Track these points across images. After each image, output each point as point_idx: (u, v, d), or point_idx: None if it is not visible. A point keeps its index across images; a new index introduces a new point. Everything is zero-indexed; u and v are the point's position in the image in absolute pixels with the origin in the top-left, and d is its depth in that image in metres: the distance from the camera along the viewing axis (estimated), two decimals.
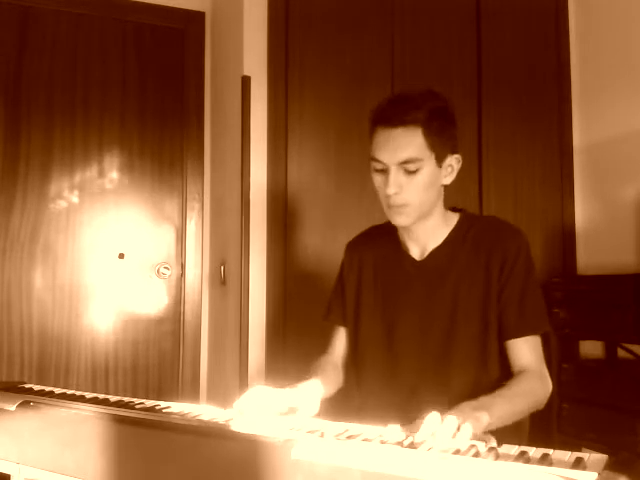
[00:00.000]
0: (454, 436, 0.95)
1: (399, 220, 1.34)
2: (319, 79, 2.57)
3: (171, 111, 3.09)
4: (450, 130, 1.33)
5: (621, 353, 2.52)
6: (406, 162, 1.27)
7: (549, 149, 2.92)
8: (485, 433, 1.02)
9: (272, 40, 2.53)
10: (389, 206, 1.32)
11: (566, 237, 2.91)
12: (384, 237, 1.48)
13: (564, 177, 2.93)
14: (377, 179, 1.33)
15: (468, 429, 0.97)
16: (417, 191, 1.29)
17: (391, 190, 1.28)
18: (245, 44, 2.52)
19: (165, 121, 3.07)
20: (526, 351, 1.31)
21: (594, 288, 2.47)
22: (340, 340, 1.54)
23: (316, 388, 1.31)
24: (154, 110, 3.05)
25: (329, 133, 2.58)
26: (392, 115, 1.27)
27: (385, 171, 1.30)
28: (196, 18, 3.15)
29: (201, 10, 3.16)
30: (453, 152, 1.34)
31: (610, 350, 2.55)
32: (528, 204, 2.85)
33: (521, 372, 1.30)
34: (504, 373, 1.34)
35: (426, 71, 2.70)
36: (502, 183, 2.81)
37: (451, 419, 0.98)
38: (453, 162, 1.35)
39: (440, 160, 1.31)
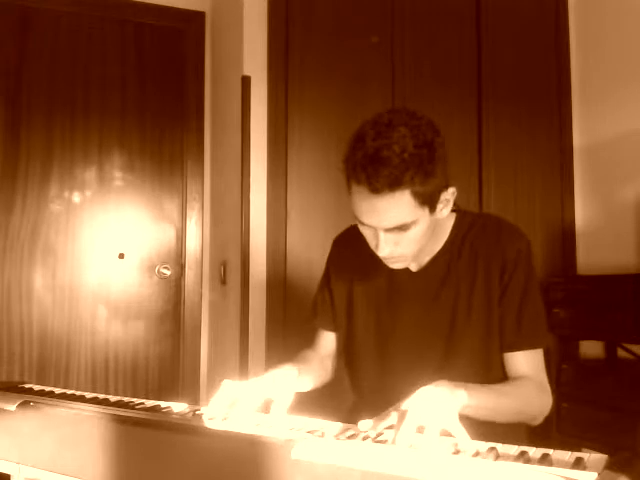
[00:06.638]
0: (421, 429, 0.93)
1: (396, 267, 1.26)
2: (319, 79, 2.57)
3: (171, 111, 3.09)
4: (440, 170, 1.13)
5: (621, 353, 2.52)
6: (396, 227, 1.14)
7: (549, 149, 2.92)
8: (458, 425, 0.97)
9: (272, 40, 2.53)
10: (382, 257, 1.22)
11: (566, 237, 2.91)
12: None
13: (564, 177, 2.93)
14: (364, 231, 1.21)
15: (436, 423, 0.94)
16: (413, 244, 1.19)
17: (384, 253, 1.18)
18: (245, 44, 2.52)
19: (165, 121, 3.07)
20: (524, 364, 1.25)
21: (594, 288, 2.47)
22: (326, 342, 1.47)
23: (290, 377, 1.23)
24: (154, 110, 3.05)
25: (329, 133, 2.57)
26: (373, 180, 1.08)
27: (372, 227, 1.17)
28: (196, 18, 3.15)
29: (201, 10, 3.16)
30: (447, 188, 1.19)
31: (610, 350, 2.55)
32: (528, 204, 2.85)
33: (518, 378, 1.25)
34: None
35: (426, 71, 2.71)
36: (502, 183, 2.81)
37: (424, 393, 0.98)
38: (448, 196, 1.20)
39: (433, 207, 1.17)
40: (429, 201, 1.14)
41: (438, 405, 0.97)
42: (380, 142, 1.09)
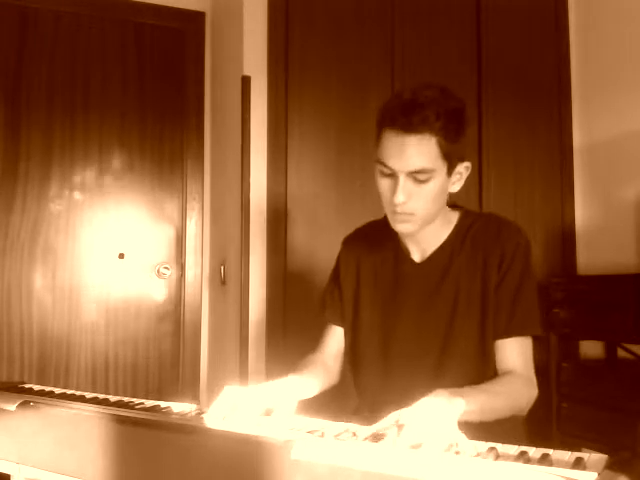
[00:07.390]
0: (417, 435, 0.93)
1: (403, 228, 1.30)
2: (319, 79, 2.57)
3: (171, 111, 3.09)
4: (463, 137, 1.27)
5: (621, 353, 2.52)
6: (417, 172, 1.21)
7: (549, 149, 2.92)
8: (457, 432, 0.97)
9: (272, 40, 2.53)
10: (394, 213, 1.27)
11: (566, 237, 2.91)
12: (383, 236, 1.43)
13: (564, 177, 2.93)
14: (382, 183, 1.27)
15: (436, 436, 0.93)
16: (425, 201, 1.25)
17: (399, 199, 1.22)
18: (245, 44, 2.52)
19: (165, 121, 3.07)
20: (514, 353, 1.28)
21: (594, 288, 2.47)
22: (334, 339, 1.49)
23: (293, 386, 1.26)
24: (154, 110, 3.05)
25: (329, 133, 2.58)
26: (406, 120, 1.19)
27: (392, 176, 1.24)
28: (196, 18, 3.15)
29: (201, 10, 3.16)
30: (463, 160, 1.30)
31: (610, 350, 2.55)
32: (528, 204, 2.85)
33: (506, 373, 1.28)
34: None
35: (426, 71, 2.70)
36: (502, 183, 2.81)
37: (421, 406, 0.98)
38: (462, 170, 1.31)
39: (451, 169, 1.26)
40: (449, 159, 1.24)
41: (437, 417, 0.97)
42: (417, 94, 1.22)
